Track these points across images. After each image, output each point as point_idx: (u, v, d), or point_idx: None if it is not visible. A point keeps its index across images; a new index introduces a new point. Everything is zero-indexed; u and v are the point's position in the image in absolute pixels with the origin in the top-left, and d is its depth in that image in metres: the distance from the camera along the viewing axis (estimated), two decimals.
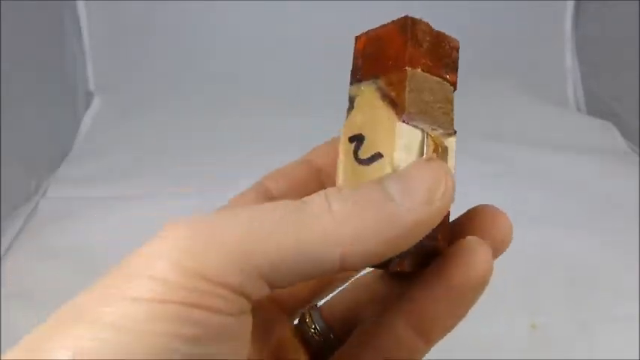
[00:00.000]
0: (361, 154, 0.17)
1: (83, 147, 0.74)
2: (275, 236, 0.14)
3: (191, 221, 0.15)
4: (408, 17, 0.19)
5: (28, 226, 0.58)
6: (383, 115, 0.17)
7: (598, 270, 0.51)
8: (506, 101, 0.81)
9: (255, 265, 0.14)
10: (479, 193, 0.62)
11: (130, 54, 0.85)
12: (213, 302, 0.14)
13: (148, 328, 0.13)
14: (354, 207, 0.15)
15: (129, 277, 0.14)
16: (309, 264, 0.14)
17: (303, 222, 0.14)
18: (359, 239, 0.14)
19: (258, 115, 0.77)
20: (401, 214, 0.15)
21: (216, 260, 0.14)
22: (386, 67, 0.18)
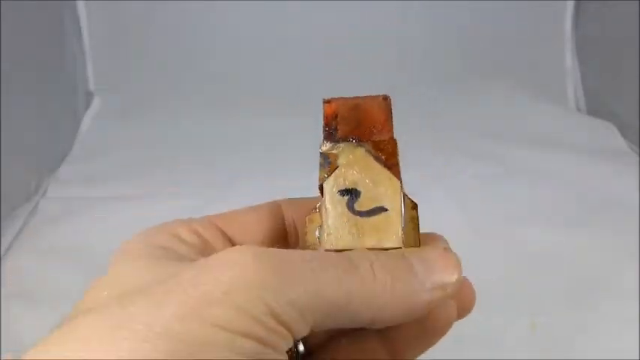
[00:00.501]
0: (358, 207, 0.20)
1: (83, 147, 0.74)
2: (333, 292, 0.16)
3: (266, 255, 0.16)
4: (387, 95, 0.22)
5: (28, 226, 0.58)
6: (384, 176, 0.20)
7: (598, 270, 0.51)
8: (506, 101, 0.81)
9: (312, 313, 0.16)
10: (479, 193, 0.63)
11: (130, 54, 0.85)
12: (275, 340, 0.15)
13: (224, 356, 0.14)
14: (391, 279, 0.17)
15: (208, 301, 0.15)
16: (347, 321, 0.17)
17: (354, 284, 0.16)
18: (389, 308, 0.17)
19: (258, 115, 0.77)
20: (421, 292, 0.17)
21: (287, 305, 0.15)
22: (369, 133, 0.21)
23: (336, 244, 0.19)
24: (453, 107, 0.80)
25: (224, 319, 0.14)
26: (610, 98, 0.78)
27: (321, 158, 0.21)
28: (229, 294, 0.15)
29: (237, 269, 0.15)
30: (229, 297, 0.15)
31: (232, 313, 0.14)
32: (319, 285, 0.16)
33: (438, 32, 0.87)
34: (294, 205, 0.23)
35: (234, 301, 0.15)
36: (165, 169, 0.67)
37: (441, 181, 0.64)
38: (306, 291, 0.15)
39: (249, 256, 0.15)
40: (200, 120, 0.78)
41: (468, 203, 0.60)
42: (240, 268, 0.15)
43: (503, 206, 0.60)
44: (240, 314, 0.14)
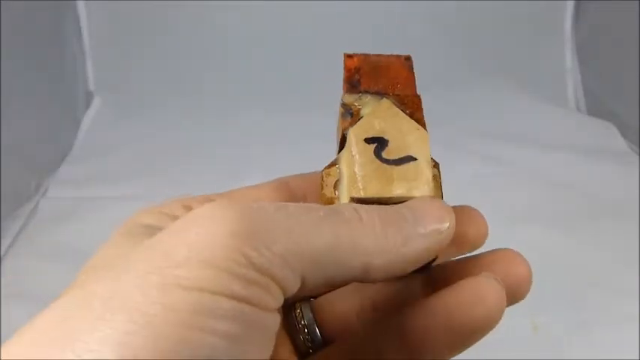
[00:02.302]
0: (386, 155, 0.19)
1: (83, 147, 0.74)
2: (315, 235, 0.15)
3: (236, 206, 0.14)
4: (409, 55, 0.22)
5: (28, 226, 0.58)
6: (411, 127, 0.20)
7: (598, 270, 0.51)
8: (506, 101, 0.81)
9: (299, 259, 0.14)
10: (479, 193, 0.63)
11: (130, 54, 0.85)
12: (260, 295, 0.14)
13: (195, 324, 0.12)
14: (380, 222, 0.16)
15: (175, 262, 0.13)
16: (338, 267, 0.15)
17: (339, 226, 0.15)
18: (381, 254, 0.16)
19: (259, 114, 0.77)
20: (415, 237, 0.16)
21: (266, 250, 0.14)
22: (393, 88, 0.21)
23: (364, 191, 0.18)
24: (453, 107, 0.80)
25: (190, 279, 0.13)
26: (610, 98, 0.78)
27: (342, 108, 0.20)
28: (194, 250, 0.13)
29: (203, 223, 0.14)
30: (195, 253, 0.13)
31: (200, 270, 0.13)
32: (299, 228, 0.15)
33: (438, 32, 0.87)
34: (303, 179, 0.21)
35: (200, 256, 0.13)
36: (165, 169, 0.67)
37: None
38: (284, 234, 0.14)
39: (217, 210, 0.14)
40: (200, 120, 0.78)
41: (468, 203, 0.60)
42: (209, 222, 0.14)
43: (503, 206, 0.59)
44: (209, 270, 0.13)
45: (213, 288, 0.13)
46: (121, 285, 0.13)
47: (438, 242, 0.17)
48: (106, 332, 0.12)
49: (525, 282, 0.19)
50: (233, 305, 0.13)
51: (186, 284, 0.13)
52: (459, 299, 0.17)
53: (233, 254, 0.13)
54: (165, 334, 0.12)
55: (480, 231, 0.20)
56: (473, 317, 0.16)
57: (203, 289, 0.13)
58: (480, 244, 0.20)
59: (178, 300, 0.13)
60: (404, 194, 0.19)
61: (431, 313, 0.17)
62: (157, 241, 0.14)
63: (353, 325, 0.20)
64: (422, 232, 0.16)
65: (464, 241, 0.20)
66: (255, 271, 0.14)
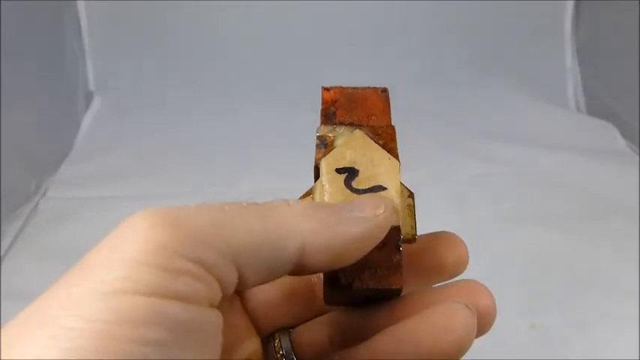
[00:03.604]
0: (356, 184, 0.19)
1: (83, 147, 0.74)
2: (243, 221, 0.15)
3: (157, 209, 0.14)
4: (386, 88, 0.22)
5: (28, 226, 0.58)
6: (382, 156, 0.20)
7: (598, 270, 0.51)
8: (506, 101, 0.81)
9: (227, 244, 0.14)
10: (479, 193, 0.63)
11: (130, 54, 0.85)
12: (189, 285, 0.13)
13: (115, 333, 0.12)
14: (310, 206, 0.16)
15: (93, 268, 0.13)
16: (273, 251, 0.15)
17: (266, 212, 0.15)
18: (316, 233, 0.16)
19: (259, 114, 0.77)
20: (351, 219, 0.17)
21: (190, 238, 0.14)
22: (367, 119, 0.21)
23: None
24: (453, 107, 0.80)
25: (108, 282, 0.13)
26: (610, 98, 0.78)
27: (318, 140, 0.21)
28: (115, 251, 0.13)
29: (126, 228, 0.14)
30: (116, 254, 0.13)
31: (121, 269, 0.13)
32: (224, 216, 0.15)
33: (438, 32, 0.87)
34: None
35: (121, 255, 0.13)
36: (165, 169, 0.67)
37: (440, 180, 0.64)
38: (209, 224, 0.14)
39: (139, 215, 0.14)
40: (200, 120, 0.78)
41: (468, 203, 0.60)
42: (131, 226, 0.14)
43: (503, 206, 0.60)
44: (131, 268, 0.13)
45: (135, 287, 0.13)
46: (45, 301, 0.13)
47: (374, 225, 0.17)
48: (25, 349, 0.12)
49: (490, 313, 0.18)
50: (153, 304, 0.13)
51: (105, 289, 0.13)
52: (429, 326, 0.17)
53: (158, 248, 0.13)
54: (85, 347, 0.12)
55: (459, 257, 0.20)
56: (443, 344, 0.16)
57: (125, 291, 0.13)
58: (460, 271, 0.20)
59: (96, 310, 0.12)
60: None
61: (400, 339, 0.17)
62: (86, 255, 0.14)
63: (328, 354, 0.20)
64: (357, 215, 0.17)
65: (442, 268, 0.20)
66: (184, 259, 0.13)
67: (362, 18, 0.86)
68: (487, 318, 0.18)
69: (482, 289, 0.19)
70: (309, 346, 0.21)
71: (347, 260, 0.17)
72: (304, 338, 0.21)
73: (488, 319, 0.18)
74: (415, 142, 0.68)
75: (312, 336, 0.21)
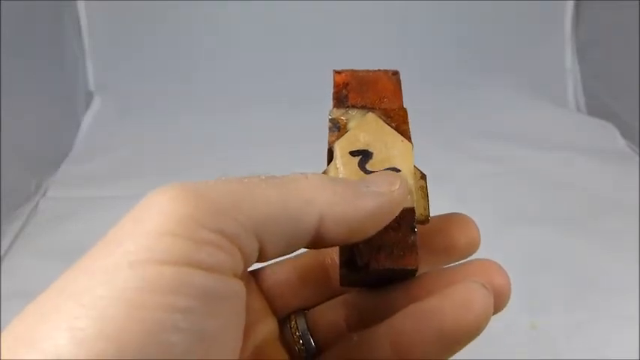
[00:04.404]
0: (370, 167, 0.19)
1: (83, 147, 0.74)
2: (262, 192, 0.15)
3: (177, 183, 0.15)
4: (397, 70, 0.22)
5: (28, 226, 0.58)
6: (396, 139, 0.20)
7: (598, 270, 0.51)
8: (506, 101, 0.81)
9: (247, 215, 0.14)
10: (479, 193, 0.63)
11: (130, 54, 0.85)
12: (212, 255, 0.14)
13: (145, 301, 0.12)
14: (328, 180, 0.17)
15: (118, 241, 0.13)
16: (292, 222, 0.16)
17: (284, 184, 0.16)
18: (333, 205, 0.16)
19: (259, 115, 0.77)
20: (368, 193, 0.17)
21: (211, 209, 0.14)
22: (379, 102, 0.21)
23: None
24: (453, 107, 0.80)
25: (134, 252, 0.13)
26: (610, 98, 0.78)
27: (330, 123, 0.21)
28: (139, 222, 0.14)
29: (149, 202, 0.14)
30: (140, 225, 0.14)
31: (145, 240, 0.13)
32: (244, 187, 0.15)
33: (438, 32, 0.87)
34: None
35: (145, 227, 0.13)
36: (165, 169, 0.67)
37: (440, 180, 0.64)
38: (228, 195, 0.15)
39: (161, 190, 0.15)
40: (200, 120, 0.78)
41: (468, 202, 0.60)
42: (154, 200, 0.14)
43: (503, 206, 0.59)
44: (155, 238, 0.13)
45: (161, 256, 0.13)
46: (73, 275, 0.13)
47: (390, 200, 0.17)
48: (58, 318, 0.12)
49: (505, 292, 0.19)
50: (178, 273, 0.13)
51: (132, 259, 0.13)
52: (448, 305, 0.17)
53: (181, 219, 0.13)
54: (115, 315, 0.12)
55: (471, 239, 0.20)
56: (462, 322, 0.17)
57: (151, 261, 0.13)
58: (471, 252, 0.20)
59: (123, 279, 0.13)
60: None
61: (422, 317, 0.17)
62: (110, 231, 0.14)
63: (345, 334, 0.20)
64: (374, 190, 0.17)
65: (453, 249, 0.20)
66: (206, 230, 0.14)
67: (362, 18, 0.86)
68: (502, 297, 0.18)
69: (497, 268, 0.19)
70: (325, 327, 0.21)
71: (362, 234, 0.17)
72: (320, 319, 0.21)
73: (503, 298, 0.18)
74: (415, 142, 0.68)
75: (328, 317, 0.21)
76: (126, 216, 0.14)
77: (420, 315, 0.17)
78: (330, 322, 0.21)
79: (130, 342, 0.12)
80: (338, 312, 0.21)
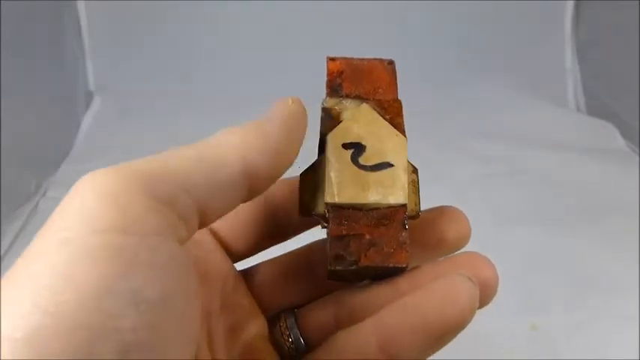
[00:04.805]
0: (363, 161, 0.19)
1: (83, 147, 0.74)
2: (179, 153, 0.16)
3: (93, 172, 0.15)
4: (392, 60, 0.22)
5: (28, 226, 0.58)
6: (390, 132, 0.19)
7: (598, 270, 0.51)
8: (506, 101, 0.81)
9: (170, 174, 0.15)
10: (479, 193, 0.63)
11: (130, 54, 0.85)
12: (142, 218, 0.14)
13: (73, 272, 0.13)
14: (233, 126, 0.18)
15: (49, 223, 0.14)
16: (214, 166, 0.16)
17: (198, 142, 0.17)
18: (245, 138, 0.17)
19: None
20: (268, 118, 0.18)
21: (134, 176, 0.15)
22: (374, 93, 0.20)
23: (339, 197, 0.19)
24: (453, 107, 0.80)
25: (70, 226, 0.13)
26: (610, 98, 0.78)
27: (323, 113, 0.20)
28: (67, 206, 0.14)
29: (71, 192, 0.15)
30: (67, 208, 0.14)
31: (76, 215, 0.14)
32: (158, 155, 0.16)
33: (438, 32, 0.87)
34: (283, 183, 0.21)
35: (75, 205, 0.14)
36: None
37: (440, 180, 0.64)
38: (145, 161, 0.15)
39: (77, 182, 0.15)
40: (200, 120, 0.77)
41: (468, 203, 0.60)
42: (74, 188, 0.15)
43: (503, 206, 0.59)
44: (83, 212, 0.14)
45: (90, 227, 0.13)
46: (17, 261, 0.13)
47: (291, 112, 0.18)
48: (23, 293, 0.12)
49: (492, 285, 0.18)
50: (117, 239, 0.13)
51: (62, 235, 0.13)
52: (433, 299, 0.17)
53: (106, 191, 0.14)
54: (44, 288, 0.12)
55: (460, 232, 0.20)
56: (447, 316, 0.16)
57: (80, 233, 0.13)
58: (461, 246, 0.20)
59: (54, 254, 0.13)
60: (379, 201, 0.19)
61: (406, 312, 0.17)
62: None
63: (333, 331, 0.20)
64: (271, 115, 0.18)
65: (443, 242, 0.20)
66: (133, 195, 0.14)
67: (362, 18, 0.86)
68: (488, 290, 0.18)
69: (484, 261, 0.19)
70: (315, 325, 0.21)
71: (286, 157, 0.18)
72: (310, 318, 0.21)
73: (489, 291, 0.18)
74: (415, 142, 0.68)
75: (317, 315, 0.21)
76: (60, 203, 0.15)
77: (405, 310, 0.17)
78: (320, 320, 0.21)
79: (65, 311, 0.12)
80: (327, 309, 0.21)
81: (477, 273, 0.18)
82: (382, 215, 0.19)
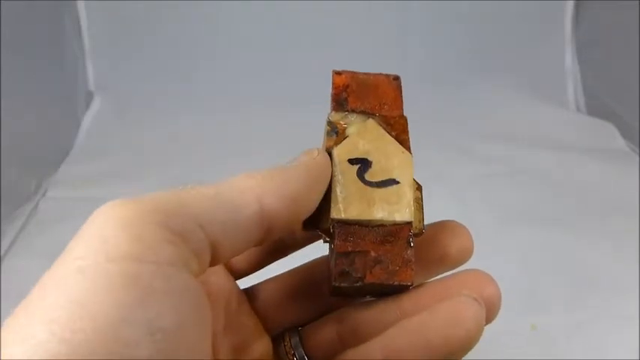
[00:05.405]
0: (369, 177, 0.19)
1: (83, 147, 0.74)
2: (199, 190, 0.16)
3: (112, 201, 0.16)
4: (398, 75, 0.22)
5: (28, 226, 0.58)
6: (396, 149, 0.20)
7: (598, 270, 0.51)
8: (506, 101, 0.81)
9: (188, 209, 0.15)
10: (479, 193, 0.63)
11: (130, 54, 0.85)
12: (157, 249, 0.14)
13: (89, 300, 0.13)
14: (254, 170, 0.18)
15: (69, 251, 0.14)
16: (231, 207, 0.16)
17: (219, 182, 0.17)
18: (265, 183, 0.17)
19: (259, 116, 0.77)
20: (292, 166, 0.18)
21: (153, 209, 0.15)
22: (379, 108, 0.20)
23: (345, 213, 0.18)
24: (453, 107, 0.80)
25: (80, 255, 0.14)
26: (610, 98, 0.78)
27: (329, 127, 0.20)
28: (84, 234, 0.15)
29: (89, 220, 0.15)
30: (87, 233, 0.15)
31: (93, 244, 0.14)
32: (178, 191, 0.16)
33: (438, 32, 0.87)
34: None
35: (92, 233, 0.14)
36: (165, 169, 0.67)
37: (440, 180, 0.64)
38: (166, 195, 0.16)
39: (110, 203, 0.16)
40: (200, 120, 0.77)
41: (468, 203, 0.60)
42: (92, 217, 0.16)
43: (503, 206, 0.59)
44: (100, 241, 0.14)
45: (106, 256, 0.13)
46: (33, 289, 0.14)
47: (313, 165, 0.18)
48: (14, 333, 0.13)
49: (496, 303, 0.18)
50: (133, 268, 0.13)
51: (79, 264, 0.13)
52: (439, 321, 0.17)
53: (121, 221, 0.14)
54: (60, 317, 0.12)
55: (463, 246, 0.20)
56: (454, 338, 0.16)
57: (96, 262, 0.13)
58: (464, 260, 0.20)
59: (71, 282, 0.13)
60: (385, 218, 0.19)
61: (411, 335, 0.17)
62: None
63: (338, 350, 0.20)
64: (295, 163, 0.18)
65: (446, 258, 0.20)
66: (150, 226, 0.14)
67: (362, 18, 0.86)
68: (492, 308, 0.18)
69: (488, 279, 0.19)
70: (319, 344, 0.21)
71: (306, 204, 0.18)
72: (314, 336, 0.21)
73: (493, 309, 0.18)
74: (415, 142, 0.68)
75: (321, 333, 0.21)
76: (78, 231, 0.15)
77: (410, 332, 0.17)
78: (324, 339, 0.21)
79: (81, 339, 0.12)
80: (331, 328, 0.21)
81: (481, 292, 0.18)
82: (387, 232, 0.19)
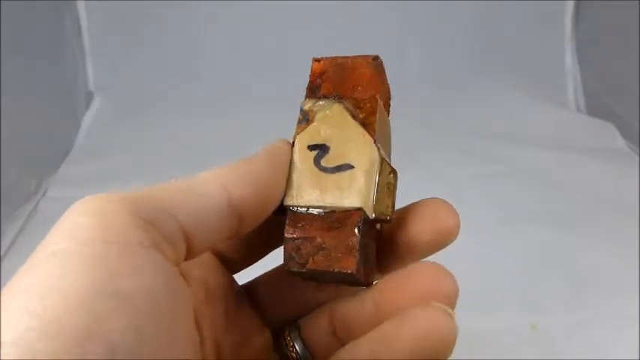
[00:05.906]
0: (325, 162, 0.19)
1: (83, 147, 0.74)
2: (169, 184, 0.17)
3: (84, 198, 0.17)
4: (377, 55, 0.21)
5: (28, 226, 0.58)
6: (357, 133, 0.19)
7: (598, 270, 0.51)
8: (506, 101, 0.81)
9: (157, 200, 0.16)
10: (479, 193, 0.63)
11: (130, 54, 0.85)
12: (128, 231, 0.15)
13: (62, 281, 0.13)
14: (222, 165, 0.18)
15: (43, 242, 0.15)
16: (200, 197, 0.17)
17: (189, 176, 0.18)
18: (230, 172, 0.18)
19: (259, 116, 0.77)
20: (255, 155, 0.19)
21: (123, 199, 0.16)
22: (352, 91, 0.20)
23: (297, 199, 0.18)
24: (453, 107, 0.80)
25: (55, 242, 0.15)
26: (610, 98, 0.78)
27: (301, 115, 0.20)
28: (59, 227, 0.15)
29: (69, 210, 0.16)
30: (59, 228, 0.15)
31: (67, 230, 0.15)
32: (147, 187, 0.17)
33: (438, 32, 0.87)
34: None
35: (66, 223, 0.15)
36: (165, 169, 0.67)
37: (440, 180, 0.64)
38: (134, 191, 0.16)
39: (84, 198, 0.16)
40: (200, 120, 0.77)
41: (468, 203, 0.60)
42: (72, 207, 0.16)
43: (503, 206, 0.59)
44: (73, 227, 0.15)
45: (78, 240, 0.14)
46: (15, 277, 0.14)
47: (275, 149, 0.19)
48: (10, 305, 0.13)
49: (453, 294, 0.18)
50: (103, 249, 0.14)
51: (53, 248, 0.14)
52: (408, 334, 0.16)
53: (96, 209, 0.16)
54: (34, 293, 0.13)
55: (442, 227, 0.19)
56: (424, 352, 0.16)
57: (69, 245, 0.14)
58: (446, 242, 0.19)
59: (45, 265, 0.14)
60: (334, 203, 0.18)
61: (381, 346, 0.17)
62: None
63: (333, 342, 0.20)
64: (258, 152, 0.19)
65: (412, 245, 0.19)
66: (120, 213, 0.15)
67: (362, 18, 0.86)
68: (451, 300, 0.18)
69: (442, 272, 0.18)
70: (317, 336, 0.21)
71: (270, 191, 0.18)
72: (311, 328, 0.21)
73: (450, 303, 0.18)
74: (415, 142, 0.68)
75: (318, 325, 0.21)
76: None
77: (378, 344, 0.17)
78: (321, 331, 0.21)
79: (52, 314, 0.13)
80: (325, 320, 0.21)
81: (436, 286, 0.17)
82: (336, 219, 0.18)
